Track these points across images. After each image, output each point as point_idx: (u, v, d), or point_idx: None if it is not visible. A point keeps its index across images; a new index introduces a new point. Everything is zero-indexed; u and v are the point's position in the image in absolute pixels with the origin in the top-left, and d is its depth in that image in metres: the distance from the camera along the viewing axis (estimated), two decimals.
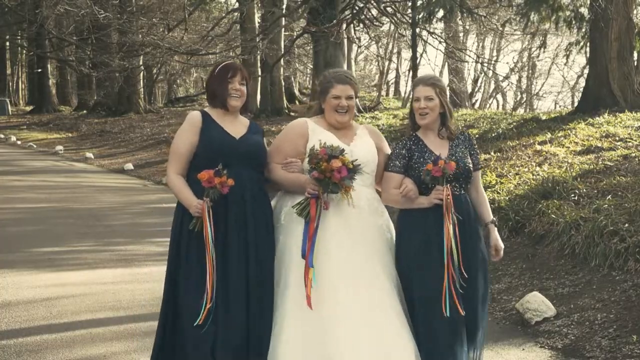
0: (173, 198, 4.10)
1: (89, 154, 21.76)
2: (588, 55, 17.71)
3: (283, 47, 24.14)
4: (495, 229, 4.15)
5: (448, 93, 4.17)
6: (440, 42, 22.51)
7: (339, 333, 3.71)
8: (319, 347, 3.70)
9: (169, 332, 3.92)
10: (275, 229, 4.02)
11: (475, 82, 34.42)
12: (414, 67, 18.95)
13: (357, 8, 19.58)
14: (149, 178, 16.83)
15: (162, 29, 23.63)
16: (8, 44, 42.32)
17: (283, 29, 24.21)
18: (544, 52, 31.68)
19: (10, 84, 44.89)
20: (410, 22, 18.59)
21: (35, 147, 24.81)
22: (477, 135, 13.20)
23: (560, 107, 31.52)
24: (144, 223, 10.79)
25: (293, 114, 24.63)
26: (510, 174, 9.85)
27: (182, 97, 38.90)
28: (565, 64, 29.40)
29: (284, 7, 23.56)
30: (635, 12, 15.28)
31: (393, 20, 20.57)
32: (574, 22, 15.07)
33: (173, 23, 22.72)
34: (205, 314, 3.75)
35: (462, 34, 29.83)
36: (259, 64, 24.83)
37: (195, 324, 3.74)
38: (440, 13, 18.36)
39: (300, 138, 4.05)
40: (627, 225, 6.85)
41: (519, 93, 34.92)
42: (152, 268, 7.75)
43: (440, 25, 23.81)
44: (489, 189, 9.04)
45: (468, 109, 22.51)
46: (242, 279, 3.84)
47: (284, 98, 26.55)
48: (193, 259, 3.85)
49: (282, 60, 24.67)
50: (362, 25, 21.15)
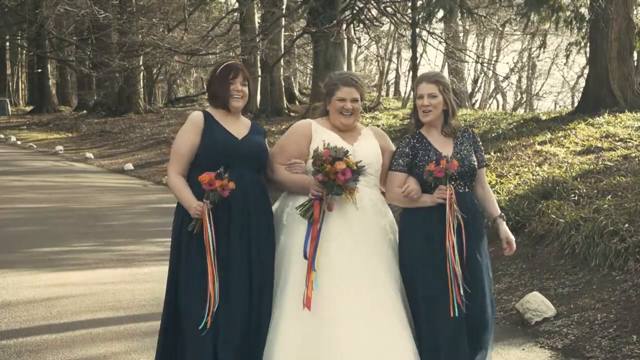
0: (173, 198, 4.09)
1: (89, 154, 21.75)
2: (588, 56, 17.70)
3: (283, 47, 24.14)
4: (504, 223, 4.12)
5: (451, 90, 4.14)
6: (440, 42, 22.49)
7: (339, 333, 3.71)
8: (318, 347, 3.69)
9: (171, 332, 3.91)
10: (277, 229, 4.01)
11: (475, 82, 34.45)
12: (414, 67, 18.96)
13: (357, 8, 19.55)
14: (149, 178, 16.83)
15: (162, 29, 23.61)
16: (8, 44, 42.30)
17: (283, 29, 24.22)
18: (544, 52, 31.73)
19: (10, 84, 44.88)
20: (410, 22, 18.58)
21: (35, 147, 24.77)
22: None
23: (560, 107, 31.56)
24: (144, 223, 10.79)
25: (293, 114, 24.66)
26: (510, 174, 9.84)
27: (182, 97, 38.91)
28: (565, 64, 29.40)
29: (284, 7, 23.57)
30: (635, 12, 15.28)
31: (393, 21, 20.55)
32: (574, 22, 15.05)
33: (173, 23, 22.69)
34: (209, 316, 3.74)
35: (462, 34, 29.80)
36: (259, 64, 24.84)
37: (201, 327, 3.72)
38: (440, 13, 18.32)
39: (304, 139, 4.04)
40: (627, 225, 6.85)
41: (519, 93, 34.97)
42: (152, 268, 7.75)
43: (440, 26, 23.83)
44: None
45: (468, 109, 22.52)
46: (244, 280, 3.84)
47: (284, 98, 26.58)
48: (193, 260, 3.85)
49: (282, 61, 24.66)
50: (362, 26, 21.12)
